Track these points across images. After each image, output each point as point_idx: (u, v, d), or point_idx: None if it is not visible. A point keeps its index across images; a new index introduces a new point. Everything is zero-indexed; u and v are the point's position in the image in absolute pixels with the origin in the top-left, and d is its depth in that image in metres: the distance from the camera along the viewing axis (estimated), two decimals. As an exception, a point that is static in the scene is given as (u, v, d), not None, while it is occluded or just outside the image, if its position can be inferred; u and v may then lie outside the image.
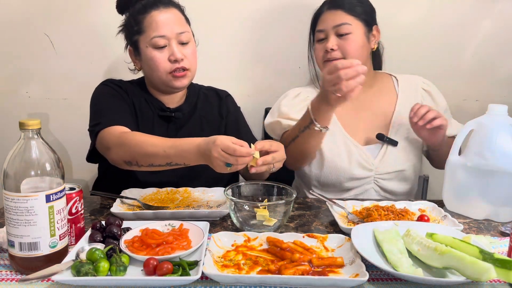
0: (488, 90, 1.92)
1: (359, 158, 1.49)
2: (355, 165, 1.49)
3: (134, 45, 1.41)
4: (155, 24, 1.35)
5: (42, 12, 1.84)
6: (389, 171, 1.50)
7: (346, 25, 1.45)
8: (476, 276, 0.83)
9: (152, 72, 1.39)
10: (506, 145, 1.18)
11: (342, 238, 1.03)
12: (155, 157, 1.17)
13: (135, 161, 1.21)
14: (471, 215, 1.24)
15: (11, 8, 1.84)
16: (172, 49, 1.36)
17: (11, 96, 1.92)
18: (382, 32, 1.61)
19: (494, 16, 1.86)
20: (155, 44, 1.35)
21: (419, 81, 1.61)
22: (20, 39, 1.86)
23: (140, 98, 1.46)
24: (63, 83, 1.91)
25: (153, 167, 1.19)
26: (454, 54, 1.90)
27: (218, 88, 1.62)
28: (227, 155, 1.05)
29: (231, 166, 1.06)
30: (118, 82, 1.48)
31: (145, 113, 1.45)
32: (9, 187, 0.88)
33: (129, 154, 1.21)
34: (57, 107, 1.93)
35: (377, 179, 1.50)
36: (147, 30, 1.36)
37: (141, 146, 1.18)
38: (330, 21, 1.48)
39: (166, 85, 1.41)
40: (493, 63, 1.90)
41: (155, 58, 1.36)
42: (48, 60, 1.88)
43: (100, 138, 1.31)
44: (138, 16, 1.37)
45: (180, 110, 1.48)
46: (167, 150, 1.15)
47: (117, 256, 0.90)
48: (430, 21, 1.86)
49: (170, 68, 1.37)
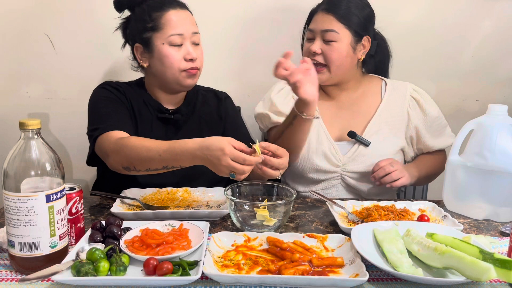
0: (488, 90, 1.92)
1: (327, 151, 1.51)
2: (321, 157, 1.51)
3: (145, 42, 1.40)
4: (174, 23, 1.37)
5: (42, 12, 1.84)
6: (355, 170, 1.50)
7: (333, 33, 1.44)
8: (476, 276, 0.83)
9: (165, 70, 1.39)
10: (506, 145, 1.18)
11: (342, 238, 1.03)
12: (151, 162, 1.18)
13: (133, 166, 1.22)
14: (471, 215, 1.24)
15: (11, 8, 1.84)
16: (188, 48, 1.38)
17: (11, 96, 1.92)
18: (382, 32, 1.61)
19: (494, 16, 1.86)
20: (172, 42, 1.36)
21: (409, 88, 1.58)
22: (20, 39, 1.86)
23: (139, 100, 1.46)
24: (63, 83, 1.91)
25: (150, 171, 1.20)
26: (454, 54, 1.90)
27: (217, 90, 1.62)
28: (236, 164, 1.06)
29: (235, 176, 1.08)
30: (116, 84, 1.47)
31: (143, 115, 1.46)
32: (9, 187, 0.88)
33: (126, 160, 1.21)
34: (57, 107, 1.93)
35: (344, 176, 1.51)
36: (165, 27, 1.37)
37: (137, 152, 1.19)
38: (319, 24, 1.47)
39: (177, 83, 1.41)
40: (493, 63, 1.90)
41: (171, 55, 1.37)
42: (48, 60, 1.88)
43: (99, 144, 1.31)
44: (153, 13, 1.38)
45: (179, 111, 1.48)
46: (162, 154, 1.15)
47: (117, 256, 0.90)
48: (430, 21, 1.86)
49: (185, 66, 1.38)
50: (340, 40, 1.45)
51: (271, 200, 1.20)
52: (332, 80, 1.52)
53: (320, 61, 1.47)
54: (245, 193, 1.20)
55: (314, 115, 1.32)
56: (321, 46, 1.46)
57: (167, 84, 1.43)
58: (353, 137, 1.50)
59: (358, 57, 1.52)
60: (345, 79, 1.54)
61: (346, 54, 1.47)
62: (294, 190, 1.17)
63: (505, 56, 1.89)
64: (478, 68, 1.91)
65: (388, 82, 1.61)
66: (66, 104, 1.93)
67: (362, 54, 1.52)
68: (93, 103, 1.43)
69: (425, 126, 1.54)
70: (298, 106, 1.32)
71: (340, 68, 1.48)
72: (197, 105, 1.54)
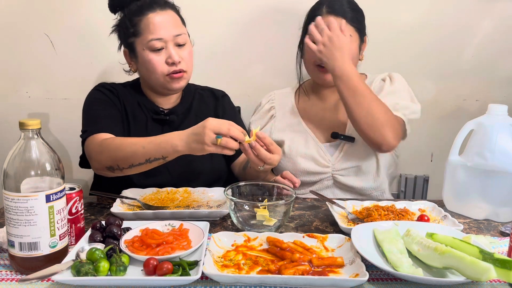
0: (488, 90, 1.92)
1: (315, 154, 1.52)
2: (310, 161, 1.52)
3: (130, 47, 1.40)
4: (152, 27, 1.34)
5: (42, 12, 1.84)
6: (344, 167, 1.50)
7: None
8: (476, 276, 0.83)
9: (149, 75, 1.39)
10: (506, 145, 1.18)
11: (342, 238, 1.03)
12: (134, 156, 1.18)
13: (116, 165, 1.22)
14: (471, 215, 1.24)
15: (11, 8, 1.84)
16: (170, 51, 1.35)
17: (11, 96, 1.92)
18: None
19: (494, 16, 1.85)
20: (152, 47, 1.34)
21: (385, 76, 1.55)
22: (20, 39, 1.86)
23: (133, 102, 1.46)
24: (63, 83, 1.91)
25: (134, 167, 1.20)
26: (454, 54, 1.90)
27: (214, 88, 1.62)
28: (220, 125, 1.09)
29: (221, 138, 1.08)
30: (110, 86, 1.47)
31: (138, 117, 1.45)
32: (9, 187, 0.88)
33: (110, 159, 1.22)
34: (57, 107, 1.93)
35: (335, 175, 1.51)
36: (144, 32, 1.35)
37: (120, 148, 1.20)
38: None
39: (163, 87, 1.41)
40: (493, 63, 1.90)
41: (153, 61, 1.35)
42: (48, 60, 1.88)
43: (86, 146, 1.33)
44: (133, 18, 1.36)
45: (175, 112, 1.48)
46: (146, 146, 1.17)
47: (117, 256, 0.90)
48: (430, 21, 1.86)
49: (168, 70, 1.36)
50: (353, 42, 1.45)
51: (271, 200, 1.20)
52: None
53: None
54: (245, 193, 1.20)
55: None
56: None
57: (154, 87, 1.43)
58: (336, 138, 1.51)
59: (360, 58, 1.52)
60: None
61: (356, 56, 1.48)
62: (294, 190, 1.17)
63: (505, 56, 1.89)
64: (478, 68, 1.90)
65: (369, 76, 1.61)
66: (66, 104, 1.93)
67: (363, 54, 1.53)
68: (86, 105, 1.44)
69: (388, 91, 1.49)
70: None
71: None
72: (194, 104, 1.53)
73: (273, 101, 1.65)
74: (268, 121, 1.63)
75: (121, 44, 1.45)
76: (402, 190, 1.85)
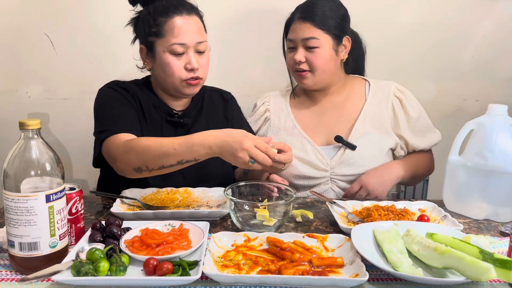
0: (488, 90, 1.92)
1: (313, 158, 1.51)
2: (307, 165, 1.51)
3: (149, 46, 1.37)
4: (177, 31, 1.32)
5: (42, 12, 1.84)
6: (345, 174, 1.50)
7: (314, 40, 1.45)
8: (476, 276, 0.83)
9: (165, 77, 1.36)
10: (506, 145, 1.18)
11: (342, 238, 1.03)
12: (165, 158, 1.14)
13: (145, 166, 1.17)
14: (471, 215, 1.24)
15: (11, 8, 1.84)
16: (190, 57, 1.33)
17: (11, 96, 1.92)
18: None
19: (494, 16, 1.86)
20: (173, 51, 1.32)
21: (392, 88, 1.58)
22: (20, 39, 1.86)
23: (148, 102, 1.43)
24: (63, 83, 1.91)
25: (164, 169, 1.16)
26: (454, 54, 1.90)
27: (222, 90, 1.61)
28: (257, 151, 1.06)
29: (254, 163, 1.07)
30: (123, 84, 1.42)
31: (153, 118, 1.43)
32: (9, 187, 0.88)
33: (138, 160, 1.17)
34: (57, 107, 1.93)
35: (334, 179, 1.51)
36: (167, 35, 1.32)
37: (150, 149, 1.15)
38: (299, 33, 1.47)
39: (177, 91, 1.39)
40: (493, 64, 1.90)
41: (171, 64, 1.33)
42: (48, 60, 1.88)
43: (106, 147, 1.27)
44: (158, 18, 1.33)
45: (187, 114, 1.46)
46: (177, 147, 1.13)
47: (117, 256, 0.90)
48: (430, 21, 1.86)
49: (186, 76, 1.34)
50: (322, 45, 1.46)
51: (271, 200, 1.20)
52: (319, 85, 1.53)
53: (305, 68, 1.49)
54: (245, 193, 1.20)
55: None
56: (304, 55, 1.47)
57: (167, 89, 1.41)
58: (339, 142, 1.51)
59: (341, 58, 1.52)
60: (331, 83, 1.55)
61: (330, 58, 1.48)
62: (294, 190, 1.17)
63: (505, 56, 1.89)
64: (478, 68, 1.91)
65: (372, 82, 1.61)
66: (66, 104, 1.93)
67: (344, 54, 1.53)
68: (100, 103, 1.39)
69: (409, 126, 1.54)
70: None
71: (326, 72, 1.49)
72: (204, 106, 1.52)
73: (268, 104, 1.66)
74: (263, 124, 1.63)
75: (137, 38, 1.43)
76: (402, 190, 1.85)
